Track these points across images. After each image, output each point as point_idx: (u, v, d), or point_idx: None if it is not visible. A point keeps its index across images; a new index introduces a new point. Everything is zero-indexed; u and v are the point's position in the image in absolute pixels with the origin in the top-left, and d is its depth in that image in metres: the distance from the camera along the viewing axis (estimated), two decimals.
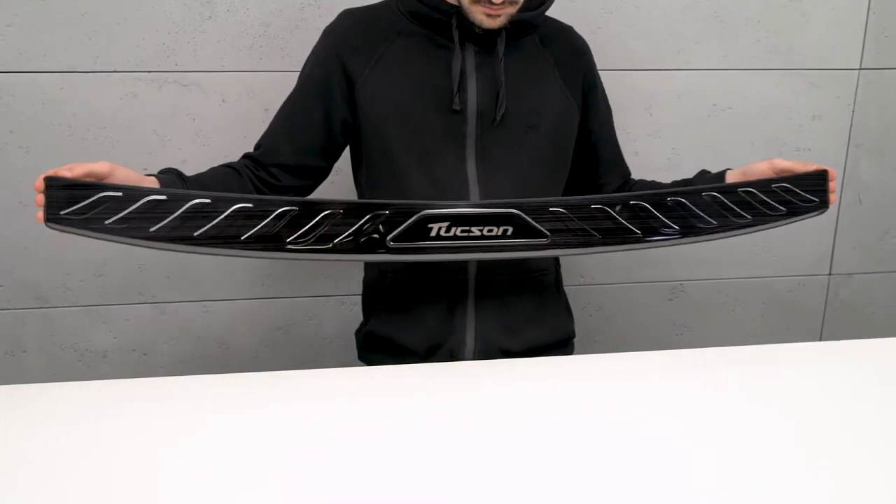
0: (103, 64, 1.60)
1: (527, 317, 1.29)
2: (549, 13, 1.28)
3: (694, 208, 1.18)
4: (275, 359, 1.86)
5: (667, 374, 1.14)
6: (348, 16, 1.26)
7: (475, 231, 1.11)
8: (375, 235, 1.08)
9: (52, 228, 0.98)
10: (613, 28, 1.75)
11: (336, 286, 1.83)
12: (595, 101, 1.34)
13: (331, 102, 1.23)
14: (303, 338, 1.86)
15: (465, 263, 1.24)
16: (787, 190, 1.20)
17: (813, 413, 1.03)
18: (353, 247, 1.08)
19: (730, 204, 1.19)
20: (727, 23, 1.78)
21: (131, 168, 1.09)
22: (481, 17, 1.15)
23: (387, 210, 1.08)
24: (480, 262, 1.24)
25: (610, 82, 1.75)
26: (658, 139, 1.85)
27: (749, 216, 1.19)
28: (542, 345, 1.31)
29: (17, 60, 1.57)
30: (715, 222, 1.18)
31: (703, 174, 1.33)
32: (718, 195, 1.19)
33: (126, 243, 1.01)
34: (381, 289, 1.30)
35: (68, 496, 0.83)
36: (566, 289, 1.40)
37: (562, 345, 1.36)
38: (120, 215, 0.99)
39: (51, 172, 0.98)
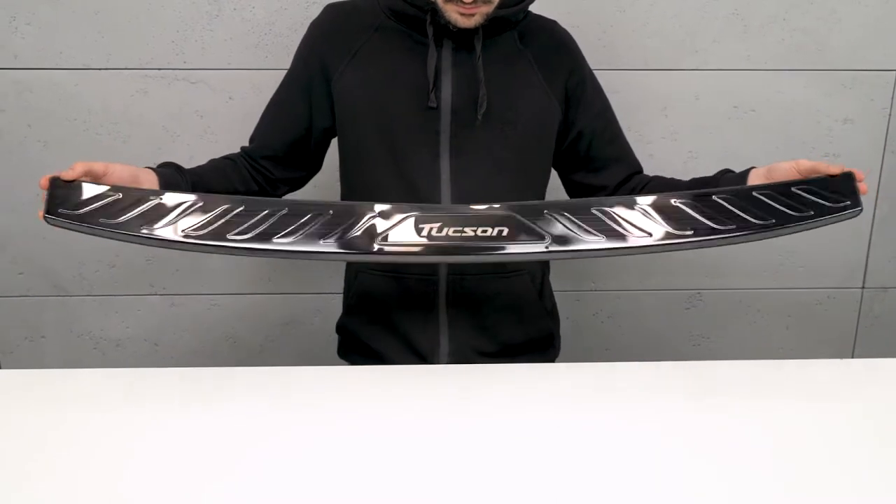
0: (115, 61, 1.65)
1: (500, 317, 1.26)
2: (553, 10, 1.26)
3: (707, 210, 1.10)
4: (280, 354, 1.88)
5: (680, 388, 1.07)
6: (330, 10, 1.27)
7: (469, 232, 1.07)
8: (365, 236, 1.05)
9: (50, 224, 1.05)
10: (626, 26, 1.69)
11: (342, 283, 1.83)
12: (584, 95, 1.27)
13: (312, 96, 1.26)
14: (308, 333, 1.87)
15: (435, 266, 1.22)
16: (810, 192, 1.10)
17: (843, 438, 0.95)
18: (341, 247, 1.05)
19: (747, 206, 1.10)
20: (749, 21, 1.70)
21: (141, 161, 1.19)
22: (455, 16, 1.13)
23: (376, 211, 1.07)
24: (451, 264, 1.22)
25: (623, 83, 1.71)
26: (674, 142, 1.79)
27: (773, 218, 1.09)
28: (515, 344, 1.28)
29: (35, 58, 1.64)
30: (733, 224, 1.09)
31: (726, 173, 1.25)
32: (732, 197, 1.10)
33: (110, 238, 1.07)
34: (355, 288, 1.30)
35: (74, 478, 0.89)
36: (574, 293, 1.36)
37: (540, 346, 1.32)
38: (105, 214, 1.05)
39: (56, 174, 1.06)
